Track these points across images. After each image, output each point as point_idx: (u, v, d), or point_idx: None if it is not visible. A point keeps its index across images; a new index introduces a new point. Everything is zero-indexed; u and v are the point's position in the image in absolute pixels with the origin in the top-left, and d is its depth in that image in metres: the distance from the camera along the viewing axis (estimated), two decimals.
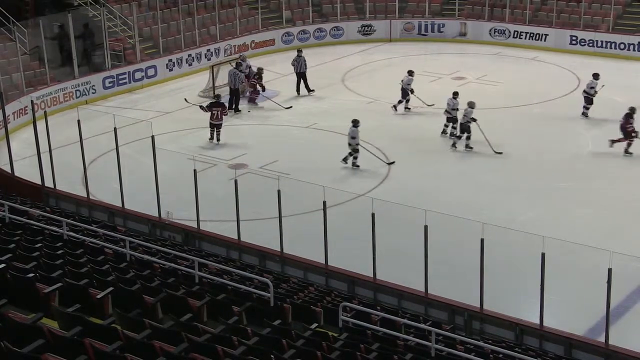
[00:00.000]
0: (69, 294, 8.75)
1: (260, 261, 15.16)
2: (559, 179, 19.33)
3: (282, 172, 17.45)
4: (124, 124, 18.17)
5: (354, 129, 19.89)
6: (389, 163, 20.31)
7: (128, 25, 28.55)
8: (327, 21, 33.79)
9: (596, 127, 22.80)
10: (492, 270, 13.06)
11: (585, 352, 12.25)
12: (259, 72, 25.98)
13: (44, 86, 24.97)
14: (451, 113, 21.90)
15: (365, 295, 13.95)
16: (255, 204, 16.61)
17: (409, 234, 14.18)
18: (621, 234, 16.42)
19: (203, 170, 18.03)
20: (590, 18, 31.41)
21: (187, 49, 29.55)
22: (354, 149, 19.99)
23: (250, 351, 7.91)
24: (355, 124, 19.93)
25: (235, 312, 10.02)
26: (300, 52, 27.01)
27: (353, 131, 19.91)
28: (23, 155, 19.95)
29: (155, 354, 7.06)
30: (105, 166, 19.20)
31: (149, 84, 28.04)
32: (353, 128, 19.91)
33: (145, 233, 16.24)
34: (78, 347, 6.66)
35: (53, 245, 11.77)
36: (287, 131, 23.55)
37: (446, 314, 13.33)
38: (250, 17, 32.49)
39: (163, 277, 11.34)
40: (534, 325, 12.69)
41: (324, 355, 8.54)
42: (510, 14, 32.83)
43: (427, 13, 34.11)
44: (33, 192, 17.81)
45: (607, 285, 11.60)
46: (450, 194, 18.32)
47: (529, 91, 26.22)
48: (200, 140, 22.44)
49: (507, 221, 15.59)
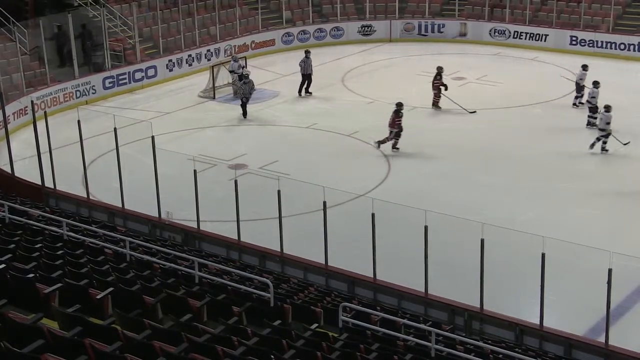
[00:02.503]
0: (69, 294, 8.75)
1: (260, 261, 15.16)
2: (559, 179, 19.33)
3: (282, 173, 17.45)
4: (124, 124, 18.17)
5: (608, 114, 20.16)
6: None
7: (128, 26, 28.55)
8: (327, 21, 33.79)
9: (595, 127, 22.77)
10: (492, 270, 13.05)
11: (585, 352, 12.25)
12: None
13: (44, 86, 24.97)
14: (591, 102, 22.23)
15: (365, 296, 13.95)
16: (255, 204, 16.61)
17: (409, 234, 14.19)
18: (621, 234, 16.43)
19: (203, 171, 18.03)
20: (590, 18, 31.42)
21: (187, 49, 29.55)
22: (607, 134, 20.26)
23: (250, 351, 7.91)
24: (608, 109, 20.23)
25: (235, 312, 10.02)
26: (308, 54, 26.72)
27: (607, 117, 20.19)
28: (23, 155, 19.96)
29: (155, 354, 7.06)
30: (105, 166, 19.20)
31: (149, 84, 28.05)
32: (606, 113, 20.21)
33: (145, 233, 16.23)
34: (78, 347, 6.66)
35: (53, 246, 11.77)
36: (287, 131, 23.55)
37: (446, 314, 13.33)
38: (250, 18, 32.49)
39: (163, 277, 11.34)
40: (534, 326, 12.68)
41: (324, 355, 8.54)
42: (510, 15, 32.84)
43: (427, 13, 34.12)
44: (33, 193, 17.80)
45: (607, 286, 11.59)
46: (450, 194, 18.32)
47: (529, 91, 26.23)
48: (200, 140, 22.45)
49: (507, 221, 15.60)
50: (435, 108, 24.62)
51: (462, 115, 24.08)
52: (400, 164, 20.43)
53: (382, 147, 21.13)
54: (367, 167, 20.34)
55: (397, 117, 20.99)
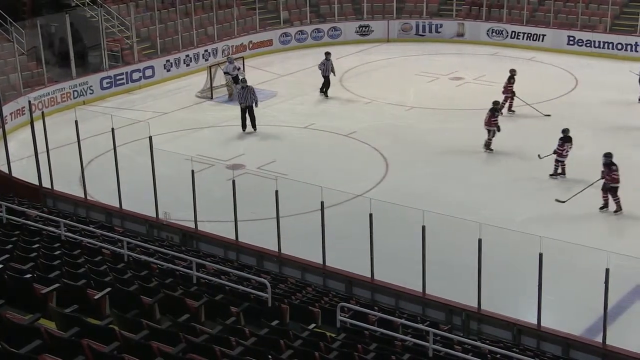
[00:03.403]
0: (67, 295, 8.75)
1: (258, 261, 15.16)
2: (557, 179, 19.33)
3: (279, 173, 17.44)
4: (121, 125, 18.17)
5: None
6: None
7: (125, 26, 28.54)
8: (325, 21, 33.80)
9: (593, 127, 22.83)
10: (490, 270, 13.07)
11: (583, 352, 12.26)
12: None
13: (41, 86, 24.96)
14: None
15: (363, 296, 13.96)
16: (253, 205, 16.62)
17: (406, 234, 14.20)
18: (619, 234, 16.44)
19: (201, 171, 18.02)
20: (588, 18, 31.45)
21: (185, 50, 29.54)
22: None
23: (248, 351, 7.91)
24: None
25: (233, 312, 10.03)
26: (329, 55, 26.30)
27: None
28: (20, 155, 19.93)
29: (153, 354, 7.06)
30: (103, 167, 19.18)
31: (147, 84, 28.04)
32: None
33: (142, 233, 16.23)
34: (76, 347, 6.66)
35: (50, 246, 11.76)
36: (284, 131, 23.54)
37: (444, 314, 13.34)
38: (247, 18, 32.48)
39: (161, 277, 11.33)
40: (531, 326, 12.69)
41: (321, 355, 8.54)
42: (507, 15, 32.86)
43: (425, 13, 34.14)
44: (30, 193, 17.79)
45: (605, 286, 11.60)
46: (448, 194, 18.33)
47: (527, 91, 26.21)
48: (197, 140, 22.45)
49: (505, 221, 15.62)
50: (510, 113, 23.87)
51: (459, 115, 24.12)
52: (397, 164, 20.43)
53: (490, 146, 21.00)
54: (365, 167, 20.34)
55: (494, 116, 20.86)
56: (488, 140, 20.96)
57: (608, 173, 16.98)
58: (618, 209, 17.15)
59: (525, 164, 20.27)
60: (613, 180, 16.87)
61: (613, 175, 16.87)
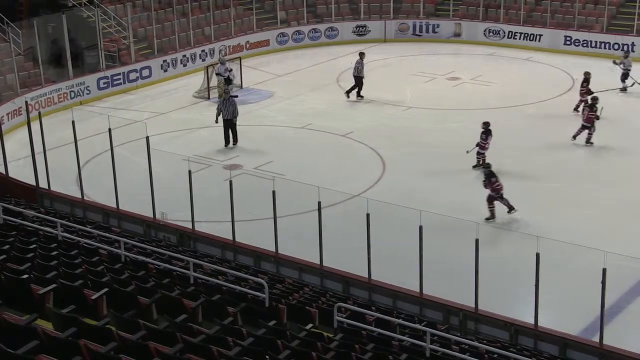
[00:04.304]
0: (64, 295, 8.75)
1: (255, 262, 15.15)
2: (553, 179, 19.37)
3: (276, 173, 17.44)
4: (118, 125, 18.16)
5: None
6: None
7: (122, 26, 28.53)
8: (322, 22, 33.80)
9: None
10: (487, 270, 13.06)
11: (580, 352, 12.27)
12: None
13: (38, 87, 24.93)
14: None
15: (360, 296, 13.95)
16: (250, 205, 16.61)
17: (403, 234, 14.18)
18: (615, 234, 16.46)
19: (198, 171, 18.01)
20: (584, 18, 31.49)
21: (182, 50, 29.53)
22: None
23: (245, 352, 7.92)
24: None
25: (230, 312, 10.03)
26: (363, 56, 25.89)
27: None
28: (17, 156, 19.91)
29: (150, 354, 7.06)
30: (100, 167, 19.15)
31: (144, 84, 28.02)
32: None
33: (140, 234, 16.21)
34: (73, 348, 6.66)
35: (47, 246, 11.75)
36: (281, 132, 23.54)
37: (441, 314, 13.34)
38: (244, 18, 32.48)
39: (158, 278, 11.33)
40: (528, 325, 12.70)
41: (319, 355, 8.55)
42: (504, 15, 32.89)
43: (422, 13, 34.17)
44: (27, 193, 17.77)
45: (602, 285, 11.61)
46: (445, 194, 18.34)
47: (523, 91, 26.27)
48: (195, 141, 22.43)
49: (502, 221, 15.62)
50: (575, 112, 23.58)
51: (456, 115, 24.13)
52: (395, 164, 20.43)
53: (576, 140, 21.27)
54: (362, 167, 20.34)
55: (592, 111, 20.97)
56: (589, 135, 21.10)
57: (489, 185, 17.01)
58: (510, 208, 16.97)
59: (521, 163, 20.26)
60: (496, 191, 16.92)
61: (495, 186, 16.91)
